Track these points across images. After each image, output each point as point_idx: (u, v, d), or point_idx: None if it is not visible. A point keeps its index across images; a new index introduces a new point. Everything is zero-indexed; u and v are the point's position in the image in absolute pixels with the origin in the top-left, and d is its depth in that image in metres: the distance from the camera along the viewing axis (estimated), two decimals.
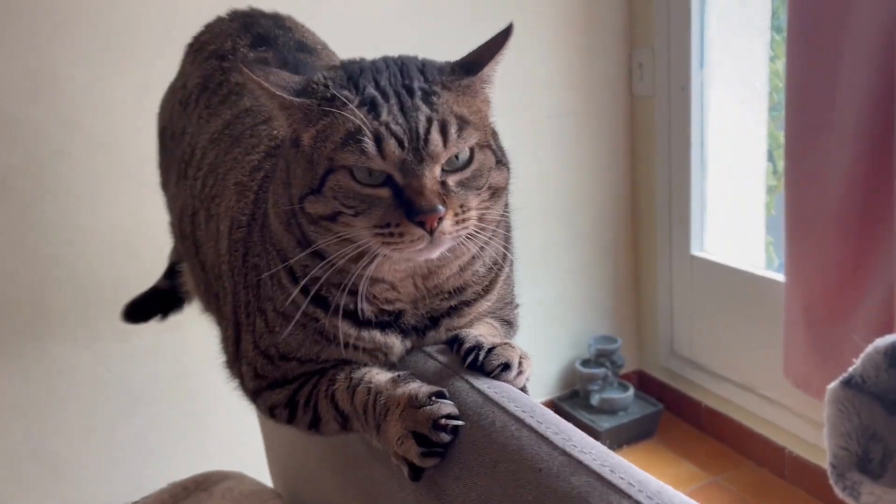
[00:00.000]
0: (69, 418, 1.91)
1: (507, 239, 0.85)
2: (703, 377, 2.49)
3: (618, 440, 2.46)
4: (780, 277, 2.10)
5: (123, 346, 1.93)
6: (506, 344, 0.77)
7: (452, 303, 0.81)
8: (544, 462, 0.62)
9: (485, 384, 0.73)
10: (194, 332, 1.75)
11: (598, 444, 0.63)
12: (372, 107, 0.69)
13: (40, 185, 1.81)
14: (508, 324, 0.90)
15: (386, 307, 0.79)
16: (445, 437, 0.69)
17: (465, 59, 0.77)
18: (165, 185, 1.27)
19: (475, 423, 0.69)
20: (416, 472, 0.70)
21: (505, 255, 0.84)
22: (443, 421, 0.69)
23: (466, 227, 0.71)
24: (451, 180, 0.70)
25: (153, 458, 2.01)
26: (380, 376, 0.76)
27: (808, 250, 1.88)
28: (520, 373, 0.76)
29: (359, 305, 0.76)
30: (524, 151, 2.36)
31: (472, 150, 0.71)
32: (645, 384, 2.71)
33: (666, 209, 2.47)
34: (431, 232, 0.68)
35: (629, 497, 0.55)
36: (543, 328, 2.56)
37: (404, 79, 0.72)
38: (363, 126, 0.68)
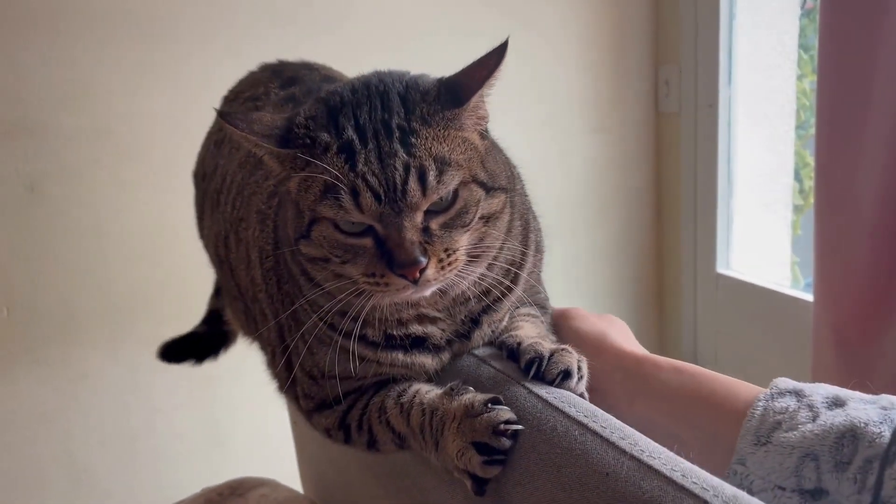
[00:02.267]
0: (94, 424, 1.91)
1: (524, 238, 0.84)
2: None
3: None
4: (806, 297, 2.07)
5: (148, 353, 1.92)
6: (563, 349, 0.76)
7: (482, 305, 0.81)
8: (611, 467, 0.61)
9: (542, 389, 0.73)
10: None
11: (665, 449, 0.61)
12: (349, 155, 0.67)
13: (72, 192, 1.82)
14: (543, 308, 0.90)
15: (397, 332, 0.78)
16: (507, 443, 0.68)
17: (454, 79, 0.72)
18: (200, 227, 1.27)
19: (536, 428, 0.68)
20: (480, 485, 0.69)
21: (524, 253, 0.83)
22: (502, 426, 0.68)
23: (453, 269, 0.70)
24: (435, 224, 0.68)
25: (176, 465, 2.00)
26: (430, 394, 0.76)
27: (837, 270, 1.86)
28: (580, 378, 0.75)
29: (361, 332, 0.75)
30: (549, 167, 2.36)
31: (455, 189, 0.69)
32: None
33: (692, 226, 2.46)
34: (415, 281, 0.67)
35: (705, 502, 0.54)
36: None
37: (384, 112, 0.69)
38: (337, 182, 0.66)
